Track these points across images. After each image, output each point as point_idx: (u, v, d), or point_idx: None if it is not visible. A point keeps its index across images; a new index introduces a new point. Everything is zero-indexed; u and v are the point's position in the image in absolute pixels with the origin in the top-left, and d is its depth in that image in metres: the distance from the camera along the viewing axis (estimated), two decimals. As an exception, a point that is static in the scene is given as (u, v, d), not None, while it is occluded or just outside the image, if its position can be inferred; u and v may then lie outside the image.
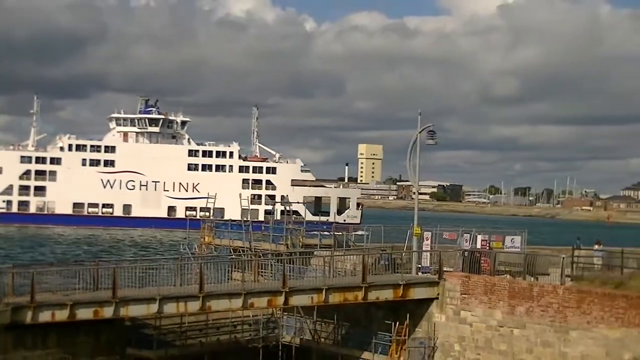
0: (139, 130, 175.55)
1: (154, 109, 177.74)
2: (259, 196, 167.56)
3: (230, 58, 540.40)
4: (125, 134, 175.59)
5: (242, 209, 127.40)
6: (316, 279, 43.58)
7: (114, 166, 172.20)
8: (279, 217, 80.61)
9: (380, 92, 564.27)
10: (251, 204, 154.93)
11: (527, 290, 40.99)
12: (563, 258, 43.56)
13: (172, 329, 45.43)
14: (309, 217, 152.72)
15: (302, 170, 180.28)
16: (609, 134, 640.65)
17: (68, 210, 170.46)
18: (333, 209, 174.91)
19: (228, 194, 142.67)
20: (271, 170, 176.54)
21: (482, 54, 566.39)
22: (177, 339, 45.52)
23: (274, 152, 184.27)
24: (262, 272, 44.58)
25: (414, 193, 52.17)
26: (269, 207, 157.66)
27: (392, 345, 43.62)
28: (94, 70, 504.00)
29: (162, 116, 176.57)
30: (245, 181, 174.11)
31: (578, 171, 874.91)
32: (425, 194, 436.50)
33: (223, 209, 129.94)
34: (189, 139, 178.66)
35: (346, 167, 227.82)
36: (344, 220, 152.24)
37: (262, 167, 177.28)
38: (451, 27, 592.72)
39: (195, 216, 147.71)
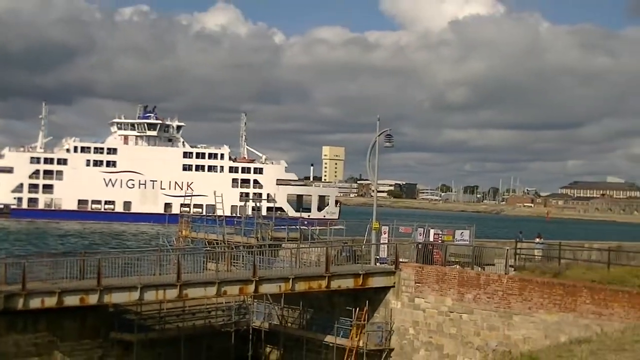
0: (138, 134, 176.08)
1: (152, 115, 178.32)
2: (247, 194, 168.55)
3: (206, 68, 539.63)
4: (126, 137, 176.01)
5: (232, 206, 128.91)
6: (284, 269, 43.59)
7: (115, 167, 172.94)
8: (265, 213, 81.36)
9: (343, 99, 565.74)
10: (240, 201, 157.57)
11: (475, 279, 41.09)
12: (507, 250, 43.78)
13: (152, 314, 45.16)
14: (292, 213, 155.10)
15: (286, 171, 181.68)
16: (549, 138, 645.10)
17: (73, 206, 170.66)
18: (314, 206, 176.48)
19: (219, 192, 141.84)
20: (258, 171, 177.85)
21: (434, 65, 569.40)
22: (156, 324, 45.26)
23: (260, 154, 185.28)
24: (234, 262, 44.52)
25: (373, 191, 52.15)
26: (257, 204, 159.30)
27: (353, 329, 43.57)
28: (81, 78, 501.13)
29: (160, 121, 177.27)
30: (234, 180, 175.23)
31: (521, 171, 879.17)
32: (383, 191, 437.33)
33: (214, 205, 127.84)
34: (183, 142, 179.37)
35: (311, 168, 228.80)
36: (324, 216, 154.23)
37: (250, 168, 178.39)
38: (407, 41, 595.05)
39: (189, 212, 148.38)
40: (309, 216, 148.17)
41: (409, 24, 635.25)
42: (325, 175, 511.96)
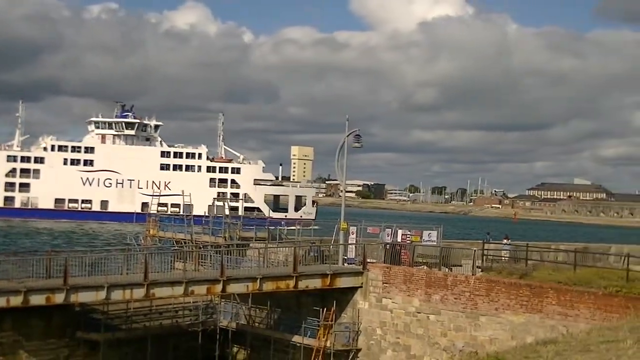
0: (116, 133, 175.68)
1: (130, 114, 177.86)
2: (225, 194, 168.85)
3: (175, 67, 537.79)
4: (103, 136, 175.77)
5: (209, 206, 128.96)
6: (251, 269, 43.56)
7: (92, 165, 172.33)
8: (242, 213, 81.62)
9: (312, 99, 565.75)
10: (217, 201, 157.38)
11: (442, 279, 41.25)
12: (475, 251, 43.96)
13: (119, 314, 44.98)
14: (270, 213, 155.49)
15: (263, 171, 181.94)
16: (517, 139, 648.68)
17: (50, 205, 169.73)
18: (291, 206, 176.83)
19: (196, 192, 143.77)
20: (236, 171, 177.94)
21: (403, 66, 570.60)
22: (123, 323, 45.08)
23: (238, 154, 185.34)
24: (202, 262, 44.46)
25: (342, 191, 52.19)
26: (234, 204, 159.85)
27: (320, 329, 43.62)
28: (49, 76, 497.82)
29: (138, 120, 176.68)
30: (212, 180, 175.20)
31: (489, 172, 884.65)
32: (351, 191, 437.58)
33: (192, 205, 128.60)
34: (161, 142, 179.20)
35: (280, 167, 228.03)
36: (301, 216, 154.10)
37: (227, 168, 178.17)
38: (376, 41, 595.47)
39: (167, 212, 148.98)
40: (285, 216, 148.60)
41: (378, 25, 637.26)
42: (293, 175, 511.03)
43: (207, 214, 63.29)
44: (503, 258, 45.75)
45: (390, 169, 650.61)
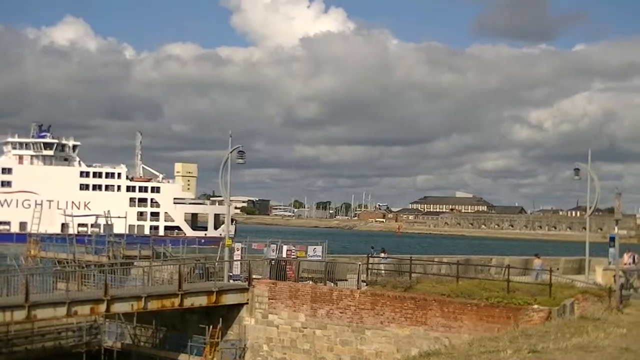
0: (34, 153, 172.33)
1: (48, 134, 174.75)
2: (144, 213, 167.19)
3: (54, 83, 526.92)
4: (21, 157, 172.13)
5: (130, 225, 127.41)
6: (136, 288, 43.06)
7: (10, 186, 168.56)
8: (162, 233, 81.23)
9: (194, 115, 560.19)
10: (137, 220, 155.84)
11: (328, 294, 41.53)
12: (359, 265, 44.33)
13: (-1, 337, 44.00)
14: (190, 232, 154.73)
15: (182, 190, 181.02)
16: (399, 154, 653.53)
17: None
18: (210, 224, 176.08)
19: (116, 211, 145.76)
20: (155, 190, 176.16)
21: (286, 81, 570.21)
22: (4, 347, 44.08)
23: (157, 173, 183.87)
24: (85, 282, 43.73)
25: (227, 207, 52.23)
26: (155, 223, 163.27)
27: (206, 347, 43.43)
28: None
29: (56, 141, 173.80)
30: (132, 199, 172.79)
31: (372, 187, 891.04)
32: (236, 207, 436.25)
33: (112, 224, 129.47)
34: (79, 161, 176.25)
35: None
36: (220, 234, 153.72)
37: (147, 187, 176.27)
38: (258, 57, 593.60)
39: (87, 232, 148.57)
40: (205, 234, 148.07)
41: (260, 40, 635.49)
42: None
43: (128, 233, 62.58)
44: (381, 272, 46.15)
45: (275, 184, 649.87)
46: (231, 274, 46.43)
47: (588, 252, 49.29)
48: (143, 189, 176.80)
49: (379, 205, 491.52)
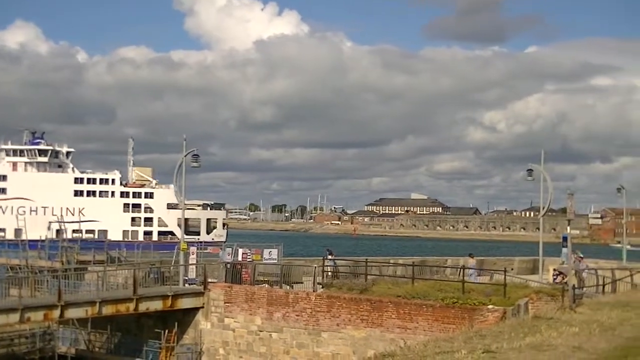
0: (28, 160, 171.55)
1: (42, 141, 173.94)
2: (138, 219, 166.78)
3: (5, 87, 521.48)
4: (14, 164, 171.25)
5: (124, 231, 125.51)
6: (90, 293, 42.79)
7: (5, 193, 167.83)
8: (156, 238, 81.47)
9: (148, 119, 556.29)
10: (131, 225, 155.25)
11: (284, 297, 41.54)
12: (315, 267, 44.43)
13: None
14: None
15: (176, 195, 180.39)
16: (354, 156, 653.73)
17: None
18: (203, 229, 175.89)
19: (111, 217, 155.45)
20: (149, 195, 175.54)
21: (240, 84, 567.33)
22: (-45, 354, 43.66)
23: (150, 179, 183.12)
24: (38, 287, 43.43)
25: (181, 211, 52.13)
26: (148, 229, 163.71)
27: (162, 351, 43.27)
28: None
29: (50, 147, 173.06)
30: (126, 205, 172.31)
31: (328, 189, 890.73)
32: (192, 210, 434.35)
33: (106, 230, 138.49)
34: (73, 168, 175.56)
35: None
36: (212, 239, 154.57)
37: (140, 193, 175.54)
38: (212, 60, 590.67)
39: (81, 238, 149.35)
40: (198, 239, 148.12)
41: (214, 43, 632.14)
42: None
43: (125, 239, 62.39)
44: (329, 274, 46.09)
45: (230, 187, 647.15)
46: (187, 277, 46.33)
47: (542, 252, 49.69)
48: (137, 195, 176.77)
49: (334, 207, 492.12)
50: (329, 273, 45.80)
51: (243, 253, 48.08)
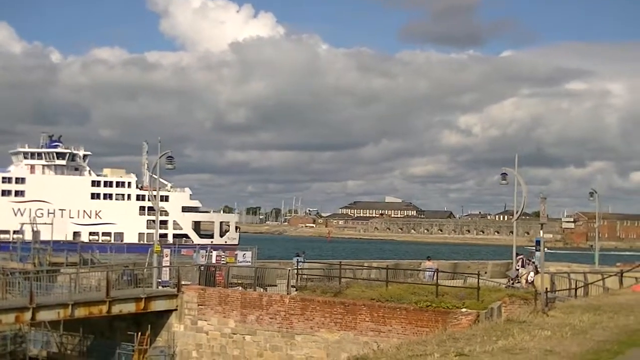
0: (46, 163, 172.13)
1: (60, 144, 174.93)
2: (154, 221, 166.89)
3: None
4: (32, 167, 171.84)
5: (139, 233, 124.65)
6: (62, 295, 42.58)
7: (24, 196, 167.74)
8: (171, 241, 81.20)
9: (123, 120, 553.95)
10: (147, 228, 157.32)
11: (258, 300, 41.51)
12: (289, 270, 44.45)
13: None
14: (197, 239, 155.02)
15: (190, 198, 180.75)
16: (329, 159, 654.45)
17: None
18: (217, 232, 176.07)
19: (127, 220, 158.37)
20: (165, 198, 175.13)
21: (216, 86, 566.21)
22: None
23: (165, 182, 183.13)
24: (9, 289, 43.17)
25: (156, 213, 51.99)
26: (164, 231, 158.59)
27: (135, 354, 43.08)
28: None
29: (68, 150, 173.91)
30: (142, 208, 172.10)
31: (302, 192, 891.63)
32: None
33: (122, 233, 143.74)
34: (89, 171, 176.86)
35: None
36: (225, 242, 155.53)
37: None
38: (187, 61, 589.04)
39: (98, 240, 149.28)
40: (212, 242, 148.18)
41: (189, 45, 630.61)
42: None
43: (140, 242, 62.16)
44: (304, 276, 46.08)
45: (205, 189, 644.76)
46: (160, 280, 46.19)
47: (515, 256, 49.88)
48: (152, 198, 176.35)
49: (309, 210, 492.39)
50: (303, 275, 45.84)
51: (217, 255, 48.09)
